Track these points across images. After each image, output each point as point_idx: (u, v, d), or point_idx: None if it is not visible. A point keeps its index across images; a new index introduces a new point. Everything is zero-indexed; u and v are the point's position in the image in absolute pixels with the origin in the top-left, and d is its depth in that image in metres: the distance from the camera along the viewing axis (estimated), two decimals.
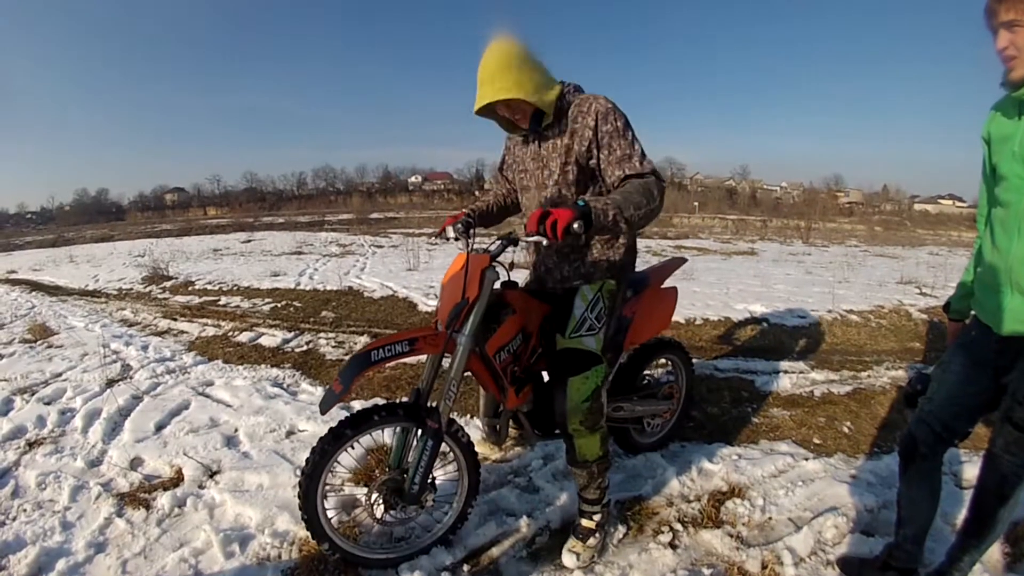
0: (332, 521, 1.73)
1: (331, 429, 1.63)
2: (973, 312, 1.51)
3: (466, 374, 1.76)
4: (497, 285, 1.77)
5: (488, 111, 1.77)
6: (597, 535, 1.83)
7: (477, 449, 1.89)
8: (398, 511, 1.74)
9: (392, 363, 1.67)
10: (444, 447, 1.79)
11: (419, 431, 1.71)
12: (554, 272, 1.91)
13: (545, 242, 1.50)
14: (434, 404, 1.74)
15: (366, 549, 1.77)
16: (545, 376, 1.99)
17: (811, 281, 7.22)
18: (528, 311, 1.87)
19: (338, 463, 1.72)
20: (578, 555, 1.77)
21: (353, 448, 1.77)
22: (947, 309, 1.67)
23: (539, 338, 1.91)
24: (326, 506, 1.70)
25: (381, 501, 1.72)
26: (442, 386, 1.73)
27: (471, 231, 1.91)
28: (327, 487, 1.68)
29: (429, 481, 1.74)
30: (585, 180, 1.78)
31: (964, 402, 1.48)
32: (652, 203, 1.59)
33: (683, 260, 2.56)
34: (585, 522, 1.85)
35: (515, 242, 1.75)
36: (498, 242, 1.77)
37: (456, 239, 1.91)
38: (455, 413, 1.73)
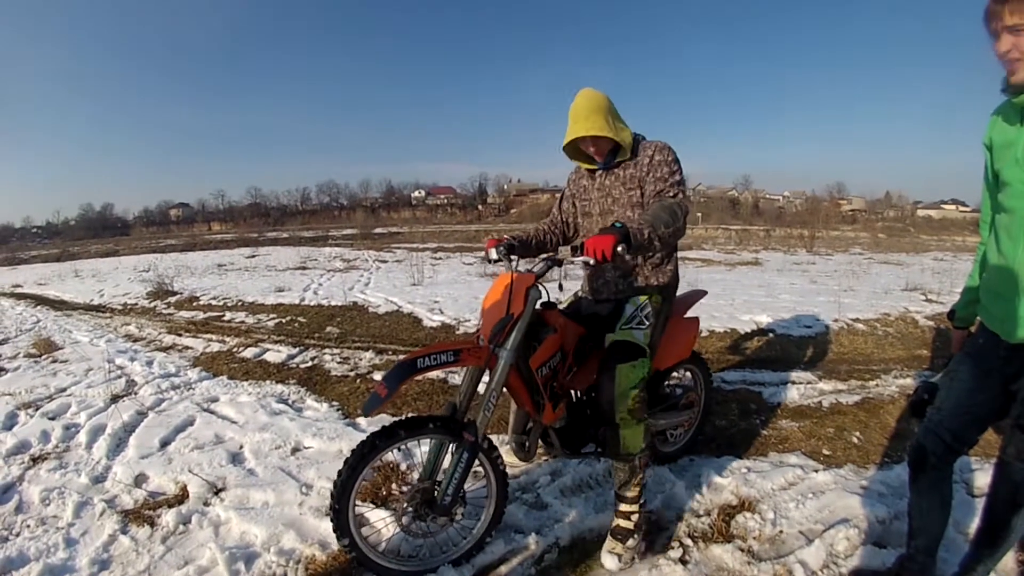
0: (358, 520, 1.73)
1: (384, 427, 1.67)
2: (979, 319, 1.50)
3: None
4: (538, 305, 1.84)
5: (571, 147, 2.04)
6: (636, 536, 1.83)
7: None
8: (428, 522, 1.75)
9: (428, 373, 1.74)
10: (478, 468, 1.83)
11: (455, 444, 1.74)
12: (610, 284, 2.10)
13: (592, 262, 1.58)
14: (471, 419, 1.78)
15: (381, 557, 1.75)
16: (574, 396, 2.09)
17: (816, 290, 7.20)
18: (566, 331, 1.96)
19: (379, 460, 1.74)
20: (619, 556, 1.78)
21: (400, 450, 1.80)
22: (951, 316, 1.66)
23: (574, 358, 2.00)
24: (356, 503, 1.69)
25: (411, 510, 1.74)
26: (479, 401, 1.76)
27: (511, 254, 2.07)
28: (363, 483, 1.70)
29: (461, 495, 1.76)
30: (644, 204, 1.97)
31: (973, 411, 1.46)
32: (677, 222, 1.75)
33: (703, 293, 2.67)
34: (623, 523, 1.86)
35: (559, 263, 1.85)
36: (542, 263, 1.88)
37: (498, 260, 2.07)
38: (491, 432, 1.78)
